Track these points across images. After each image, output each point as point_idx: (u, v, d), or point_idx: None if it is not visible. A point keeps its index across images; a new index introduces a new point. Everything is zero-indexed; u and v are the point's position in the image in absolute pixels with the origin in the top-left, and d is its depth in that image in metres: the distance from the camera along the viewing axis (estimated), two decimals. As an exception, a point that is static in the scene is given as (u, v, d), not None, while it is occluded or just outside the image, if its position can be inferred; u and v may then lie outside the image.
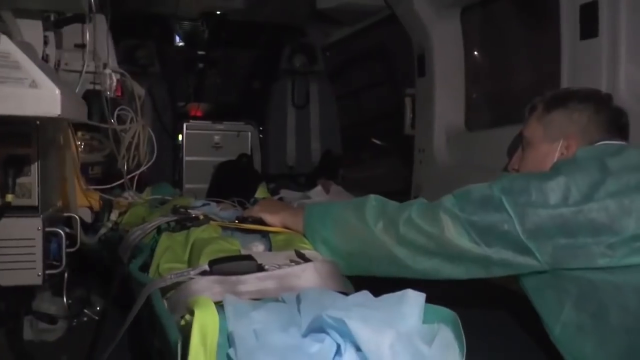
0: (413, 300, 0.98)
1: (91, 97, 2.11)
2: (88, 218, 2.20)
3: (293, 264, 1.26)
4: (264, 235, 1.60)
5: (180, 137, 4.05)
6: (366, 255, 1.41)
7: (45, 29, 1.63)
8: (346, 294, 1.12)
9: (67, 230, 1.89)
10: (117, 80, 2.23)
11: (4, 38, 1.10)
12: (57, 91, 1.12)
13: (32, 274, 1.61)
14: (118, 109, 2.25)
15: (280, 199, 2.98)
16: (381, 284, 1.15)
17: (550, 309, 1.37)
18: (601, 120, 1.50)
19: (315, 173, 3.81)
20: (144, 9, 3.88)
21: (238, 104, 4.64)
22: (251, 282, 1.16)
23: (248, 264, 1.21)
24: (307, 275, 1.20)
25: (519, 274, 1.35)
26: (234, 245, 1.49)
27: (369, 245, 1.39)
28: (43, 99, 1.10)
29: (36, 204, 1.62)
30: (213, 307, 0.92)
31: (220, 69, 4.57)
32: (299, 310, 1.00)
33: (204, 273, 1.19)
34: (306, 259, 1.28)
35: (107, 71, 2.00)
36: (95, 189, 2.19)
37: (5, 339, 1.78)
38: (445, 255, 1.33)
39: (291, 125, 3.98)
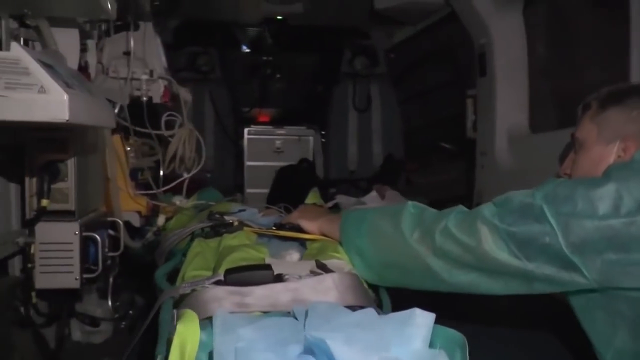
0: (420, 320, 0.89)
1: (137, 104, 2.15)
2: (136, 222, 2.23)
3: (312, 274, 1.19)
4: (302, 242, 1.55)
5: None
6: (400, 267, 1.32)
7: (84, 37, 1.65)
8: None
9: (112, 233, 1.94)
10: (165, 87, 2.26)
11: (14, 45, 1.10)
12: (65, 96, 1.11)
13: (70, 278, 1.63)
14: (166, 114, 2.27)
15: (336, 204, 2.92)
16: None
17: (602, 332, 1.22)
18: None
19: (377, 178, 3.71)
20: (205, 17, 3.95)
21: (301, 109, 4.63)
22: (263, 294, 1.10)
23: (263, 274, 1.15)
24: (323, 288, 1.12)
25: (566, 292, 1.21)
26: (261, 253, 1.45)
27: (404, 256, 1.29)
28: (51, 104, 1.10)
29: (73, 208, 1.65)
30: (196, 322, 0.87)
31: (284, 73, 4.58)
32: (304, 325, 0.93)
33: (218, 282, 1.15)
34: (327, 270, 1.21)
35: (144, 77, 2.01)
36: (144, 194, 2.21)
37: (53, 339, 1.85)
38: (483, 268, 1.21)
39: (352, 129, 3.91)
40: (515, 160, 2.69)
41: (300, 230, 1.57)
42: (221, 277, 1.14)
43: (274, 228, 1.66)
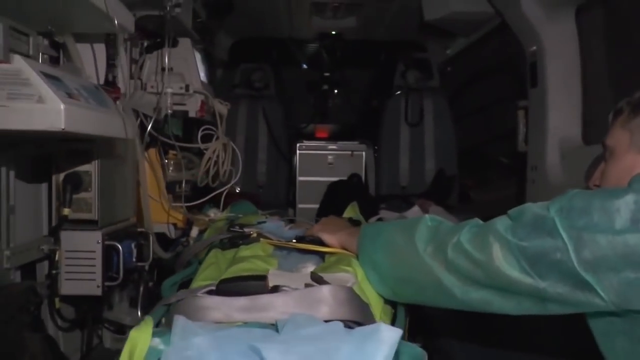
0: (385, 335, 0.84)
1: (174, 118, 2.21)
2: (172, 234, 2.28)
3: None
4: (322, 255, 1.52)
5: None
6: (414, 282, 1.25)
7: (111, 53, 1.72)
8: (361, 323, 1.01)
9: (143, 242, 1.99)
10: (202, 101, 2.30)
11: (17, 57, 1.16)
12: (62, 106, 1.15)
13: (92, 285, 1.69)
14: (202, 128, 2.32)
15: (380, 219, 2.86)
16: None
17: None
18: None
19: (428, 193, 3.60)
20: (260, 34, 4.03)
21: (356, 123, 4.60)
22: (248, 305, 1.08)
23: (256, 285, 1.13)
24: (312, 301, 1.08)
25: (585, 313, 1.10)
26: (270, 265, 1.44)
27: (416, 271, 1.23)
28: (48, 113, 1.14)
29: (96, 218, 1.71)
30: (149, 328, 0.86)
31: (341, 88, 4.58)
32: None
33: (210, 292, 1.14)
34: (323, 283, 1.18)
35: (169, 90, 2.06)
36: (179, 206, 2.25)
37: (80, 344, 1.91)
38: (494, 286, 1.12)
39: (404, 144, 3.83)
40: (567, 174, 2.52)
41: (321, 243, 1.54)
42: (214, 287, 1.14)
43: (294, 241, 1.64)
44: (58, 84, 1.21)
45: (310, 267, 1.42)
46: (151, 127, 2.11)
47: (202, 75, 2.43)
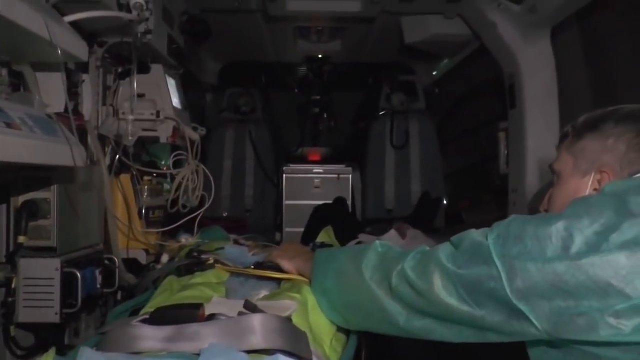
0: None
1: (140, 144, 2.20)
2: (143, 260, 2.26)
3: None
4: (279, 282, 1.51)
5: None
6: (362, 309, 1.23)
7: (74, 81, 1.73)
8: (291, 354, 1.00)
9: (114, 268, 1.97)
10: (174, 128, 2.30)
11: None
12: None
13: (50, 313, 1.67)
14: (174, 154, 2.31)
15: (359, 243, 2.82)
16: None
17: None
18: None
19: (413, 217, 3.57)
20: (247, 59, 4.06)
21: (345, 147, 4.60)
22: (174, 334, 1.06)
23: (189, 314, 1.11)
24: (242, 330, 1.06)
25: (526, 342, 1.07)
26: (218, 292, 1.43)
27: (364, 298, 1.21)
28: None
29: (55, 245, 1.70)
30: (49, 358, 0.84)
31: (329, 112, 4.59)
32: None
33: (144, 321, 1.12)
34: (257, 311, 1.16)
35: (130, 117, 2.06)
36: (151, 232, 2.24)
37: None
38: (436, 314, 1.10)
39: (390, 167, 3.81)
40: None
41: (280, 269, 1.52)
42: (147, 316, 1.12)
43: (252, 267, 1.62)
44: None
45: (264, 294, 1.41)
46: (124, 153, 2.12)
47: (176, 102, 2.43)
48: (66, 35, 1.41)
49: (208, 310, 1.12)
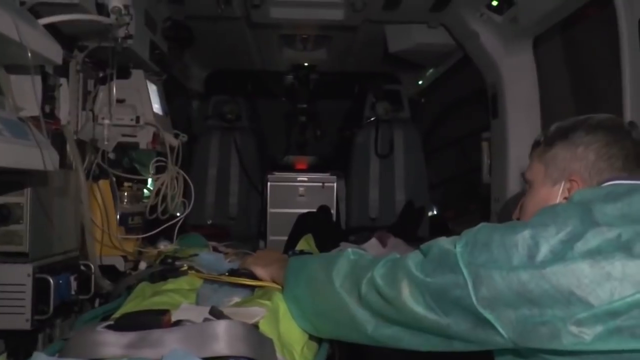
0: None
1: (121, 149, 2.18)
2: (121, 266, 2.23)
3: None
4: (253, 289, 1.50)
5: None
6: (331, 317, 1.23)
7: (49, 84, 1.71)
8: None
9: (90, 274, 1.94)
10: (154, 133, 2.28)
11: None
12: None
13: (21, 319, 1.63)
14: (154, 160, 2.29)
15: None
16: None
17: None
18: (615, 155, 1.15)
19: (396, 225, 3.56)
20: (234, 66, 4.06)
21: (331, 155, 4.60)
22: (136, 341, 1.04)
23: (153, 319, 1.09)
24: (206, 336, 1.05)
25: (493, 350, 1.06)
26: (188, 299, 1.42)
27: (333, 306, 1.21)
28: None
29: (27, 250, 1.66)
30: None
31: (315, 120, 4.59)
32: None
33: (109, 326, 1.10)
34: (222, 317, 1.14)
35: (106, 122, 2.04)
36: (129, 238, 2.22)
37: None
38: (404, 322, 1.09)
39: (374, 176, 3.81)
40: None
41: (254, 276, 1.51)
42: (112, 322, 1.11)
43: (226, 274, 1.61)
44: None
45: (236, 301, 1.40)
46: (102, 158, 2.09)
47: (157, 107, 2.41)
48: (39, 38, 1.40)
49: (175, 317, 1.11)
